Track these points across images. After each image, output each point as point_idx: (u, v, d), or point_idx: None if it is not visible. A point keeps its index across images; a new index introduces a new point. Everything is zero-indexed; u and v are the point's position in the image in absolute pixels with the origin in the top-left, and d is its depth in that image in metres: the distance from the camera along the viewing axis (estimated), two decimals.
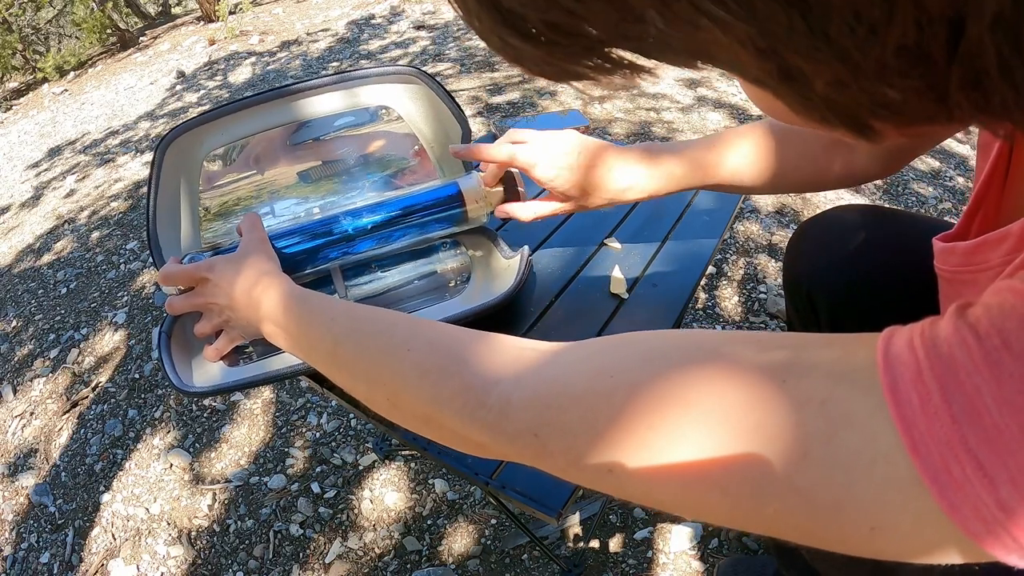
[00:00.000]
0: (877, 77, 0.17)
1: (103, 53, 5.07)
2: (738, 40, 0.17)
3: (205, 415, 1.30)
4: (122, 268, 1.88)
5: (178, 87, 3.58)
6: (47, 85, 4.59)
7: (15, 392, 1.49)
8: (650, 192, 0.60)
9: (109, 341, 1.58)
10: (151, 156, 0.73)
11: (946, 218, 1.49)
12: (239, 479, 1.14)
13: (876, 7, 0.15)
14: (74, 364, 1.53)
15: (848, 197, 1.67)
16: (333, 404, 1.24)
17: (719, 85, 2.34)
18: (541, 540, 0.88)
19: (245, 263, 0.54)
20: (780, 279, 1.27)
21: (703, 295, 1.37)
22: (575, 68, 0.20)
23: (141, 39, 5.11)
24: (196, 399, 1.33)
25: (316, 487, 1.09)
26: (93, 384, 1.44)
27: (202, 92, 3.38)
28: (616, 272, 0.71)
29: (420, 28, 3.60)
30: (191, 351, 0.64)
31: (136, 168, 2.59)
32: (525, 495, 0.51)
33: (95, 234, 2.12)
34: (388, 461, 1.11)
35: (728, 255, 1.48)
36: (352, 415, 1.22)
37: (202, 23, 4.96)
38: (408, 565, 0.95)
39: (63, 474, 1.24)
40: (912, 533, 0.21)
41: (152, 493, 1.15)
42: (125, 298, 1.73)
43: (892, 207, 0.64)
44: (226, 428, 1.25)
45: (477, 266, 0.74)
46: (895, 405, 0.20)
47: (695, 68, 0.20)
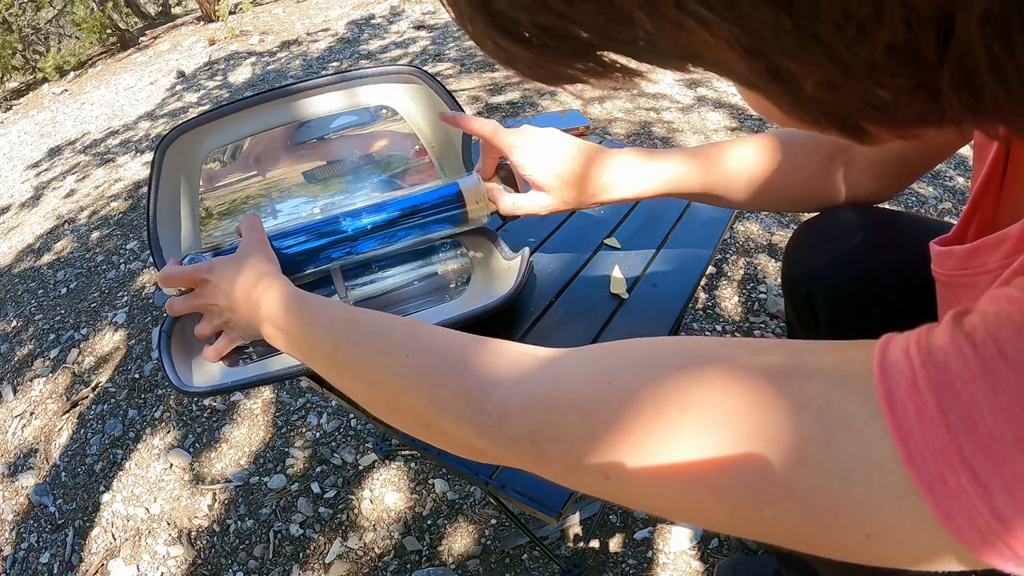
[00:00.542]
0: (867, 77, 0.16)
1: (103, 53, 5.07)
2: (725, 41, 0.17)
3: (205, 415, 1.30)
4: (122, 268, 1.88)
5: (178, 87, 3.58)
6: (47, 85, 4.59)
7: (15, 392, 1.49)
8: (634, 191, 0.59)
9: (109, 341, 1.58)
10: (151, 156, 0.73)
11: (946, 218, 1.49)
12: (239, 479, 1.14)
13: (864, 6, 0.14)
14: (74, 364, 1.53)
15: None
16: (333, 404, 1.24)
17: (719, 85, 2.34)
18: (541, 540, 0.88)
19: (245, 264, 0.54)
20: (780, 279, 1.27)
21: (703, 295, 1.37)
22: (568, 71, 0.20)
23: (141, 39, 5.11)
24: (196, 399, 1.33)
25: (316, 487, 1.09)
26: (93, 384, 1.44)
27: (202, 92, 3.38)
28: (616, 272, 0.71)
29: (420, 28, 3.60)
30: (191, 351, 0.64)
31: (136, 168, 2.59)
32: (525, 495, 0.51)
33: (95, 234, 2.12)
34: (388, 461, 1.11)
35: (728, 255, 1.48)
36: (352, 415, 1.22)
37: (202, 23, 4.96)
38: (408, 565, 0.95)
39: (63, 474, 1.24)
40: (909, 541, 0.21)
41: (152, 493, 1.15)
42: (125, 298, 1.73)
43: (892, 208, 0.64)
44: (226, 428, 1.25)
45: (478, 267, 0.74)
46: (891, 415, 0.20)
47: (686, 71, 0.20)
